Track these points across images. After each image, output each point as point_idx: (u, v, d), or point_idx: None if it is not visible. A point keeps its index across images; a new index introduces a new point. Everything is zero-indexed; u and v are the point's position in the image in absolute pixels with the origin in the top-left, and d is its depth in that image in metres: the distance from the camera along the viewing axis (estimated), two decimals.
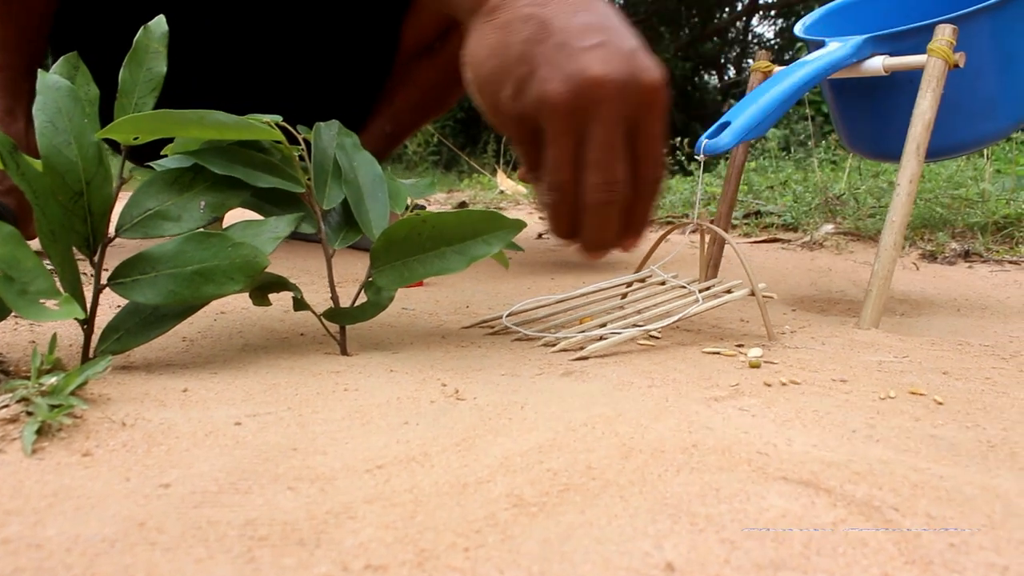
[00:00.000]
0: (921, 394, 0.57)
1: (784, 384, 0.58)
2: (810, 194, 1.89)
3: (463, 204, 2.64)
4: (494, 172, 3.62)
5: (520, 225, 0.61)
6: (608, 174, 0.56)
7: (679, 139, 2.66)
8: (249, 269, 0.56)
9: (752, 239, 1.63)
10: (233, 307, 0.81)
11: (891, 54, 0.82)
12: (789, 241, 1.57)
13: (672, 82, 8.60)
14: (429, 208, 2.46)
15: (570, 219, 0.60)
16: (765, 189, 2.14)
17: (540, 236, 1.68)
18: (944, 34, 0.78)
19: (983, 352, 0.71)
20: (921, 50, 0.79)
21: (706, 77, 10.10)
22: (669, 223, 1.87)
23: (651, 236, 1.18)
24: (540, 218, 2.12)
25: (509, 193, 2.94)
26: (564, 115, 0.55)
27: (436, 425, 0.47)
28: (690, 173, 3.06)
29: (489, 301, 0.90)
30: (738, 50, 10.10)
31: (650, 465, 0.42)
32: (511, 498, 0.37)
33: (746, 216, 1.79)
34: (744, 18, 10.46)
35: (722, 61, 10.21)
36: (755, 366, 0.63)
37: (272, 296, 0.67)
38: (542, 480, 0.39)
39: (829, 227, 1.58)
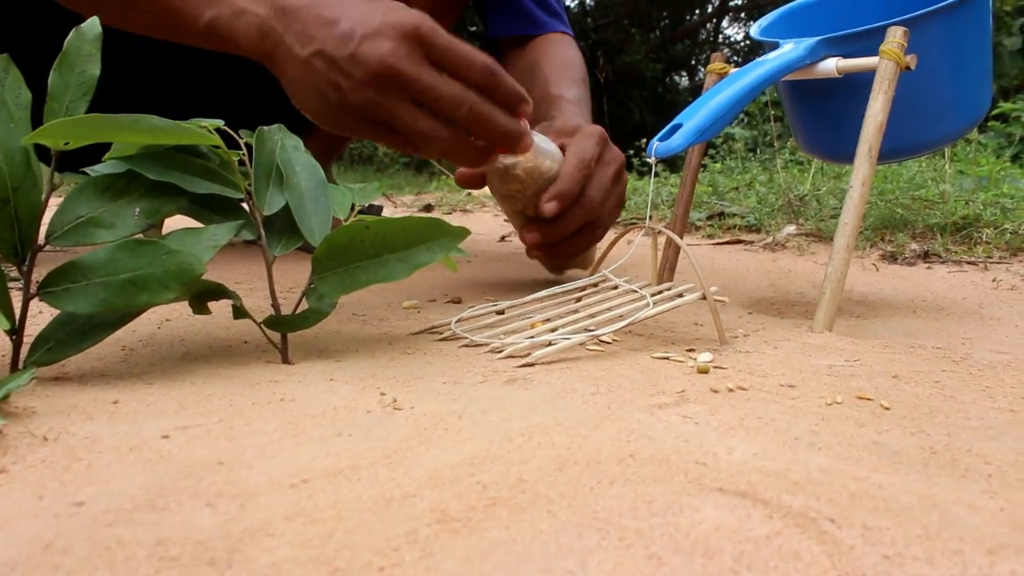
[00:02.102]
0: (868, 399, 0.56)
1: (731, 390, 0.57)
2: (774, 195, 1.90)
3: (429, 207, 2.62)
4: None
5: (464, 232, 0.60)
6: (448, 99, 0.69)
7: (646, 141, 2.65)
8: (184, 277, 0.55)
9: (715, 240, 1.63)
10: (179, 314, 0.79)
11: (845, 56, 0.82)
12: (752, 242, 1.57)
13: (643, 83, 8.63)
14: (395, 210, 2.45)
15: (460, 150, 0.73)
16: (730, 190, 2.14)
17: (502, 239, 1.67)
18: (895, 36, 0.78)
19: (935, 355, 0.71)
20: (874, 52, 0.79)
21: (677, 78, 10.14)
22: (633, 223, 1.86)
23: (606, 239, 1.17)
24: (505, 220, 2.12)
25: (476, 195, 2.93)
26: (386, 86, 0.68)
27: (369, 436, 0.46)
28: (659, 174, 3.06)
29: (442, 307, 0.89)
30: (708, 51, 10.14)
31: (584, 477, 0.41)
32: (435, 513, 0.36)
33: (710, 217, 1.79)
34: (714, 20, 10.52)
35: (693, 63, 10.25)
36: (703, 371, 0.62)
37: (218, 303, 0.65)
38: (470, 494, 0.38)
39: (791, 228, 1.59)
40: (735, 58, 9.12)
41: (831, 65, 0.82)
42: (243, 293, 0.92)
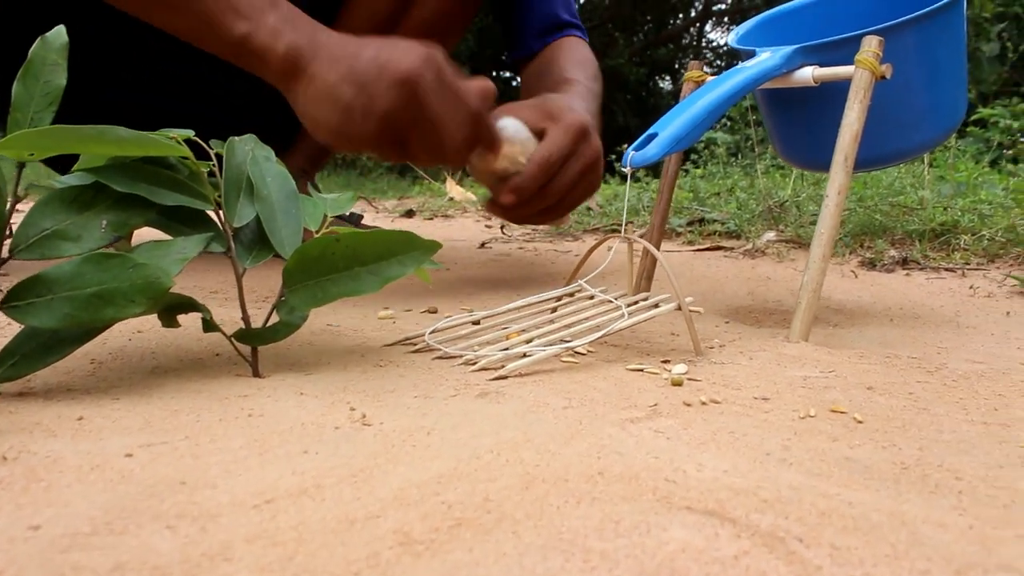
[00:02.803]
0: (842, 412, 0.56)
1: (704, 403, 0.57)
2: (754, 201, 1.90)
3: (411, 212, 2.62)
4: (445, 180, 3.59)
5: (435, 246, 0.60)
6: (462, 106, 0.77)
7: (626, 145, 2.65)
8: (151, 291, 0.54)
9: (695, 247, 1.62)
10: (151, 326, 0.78)
11: (821, 64, 0.82)
12: (732, 249, 1.57)
13: (627, 87, 8.63)
14: (377, 215, 2.44)
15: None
16: (711, 196, 2.14)
17: (483, 245, 1.66)
18: (870, 45, 0.78)
19: (910, 365, 0.71)
20: (850, 61, 0.79)
21: (660, 82, 10.16)
22: (614, 230, 1.86)
23: (583, 248, 1.15)
24: (486, 226, 2.11)
25: (458, 200, 2.92)
26: (407, 100, 0.74)
27: (336, 454, 0.46)
28: (640, 179, 3.06)
29: (417, 317, 0.88)
30: (692, 56, 10.16)
31: (551, 496, 0.40)
32: (398, 535, 0.36)
33: (690, 223, 1.79)
34: (698, 24, 10.54)
35: (676, 67, 10.27)
36: (677, 384, 0.61)
37: (191, 315, 0.64)
38: (435, 514, 0.38)
39: (771, 235, 1.59)
40: (718, 62, 9.15)
41: (807, 74, 0.82)
42: (218, 303, 0.91)
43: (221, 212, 0.62)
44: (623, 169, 0.75)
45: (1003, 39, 3.58)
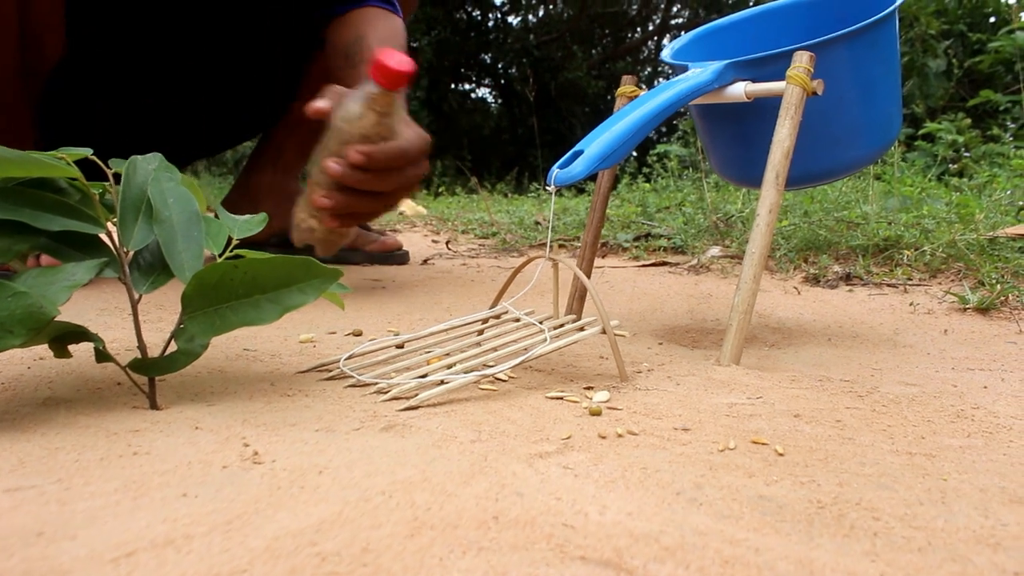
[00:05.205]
0: (764, 443, 0.54)
1: (620, 435, 0.54)
2: (702, 215, 1.88)
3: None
4: None
5: (336, 274, 0.57)
6: None
7: None
8: (32, 321, 0.51)
9: (640, 262, 1.61)
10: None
11: (754, 80, 0.80)
12: (676, 264, 1.55)
13: (585, 100, 8.64)
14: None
15: None
16: (660, 210, 2.12)
17: (425, 261, 1.63)
18: (801, 61, 0.76)
19: (841, 389, 0.69)
20: (783, 76, 0.77)
21: None
22: (561, 246, 1.84)
23: (508, 270, 1.11)
24: (433, 241, 2.08)
25: (408, 214, 2.89)
26: None
27: (216, 498, 0.42)
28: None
29: (340, 340, 0.85)
30: (650, 69, 10.21)
31: (436, 545, 0.37)
32: None
33: (637, 239, 1.77)
34: (655, 37, 10.60)
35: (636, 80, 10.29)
36: (596, 413, 0.59)
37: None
38: (304, 569, 0.35)
39: (716, 250, 1.57)
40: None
41: (739, 89, 0.80)
42: (129, 323, 0.87)
43: (116, 235, 0.59)
44: (547, 188, 0.72)
45: (949, 55, 3.62)
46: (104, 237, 0.59)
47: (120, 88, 1.37)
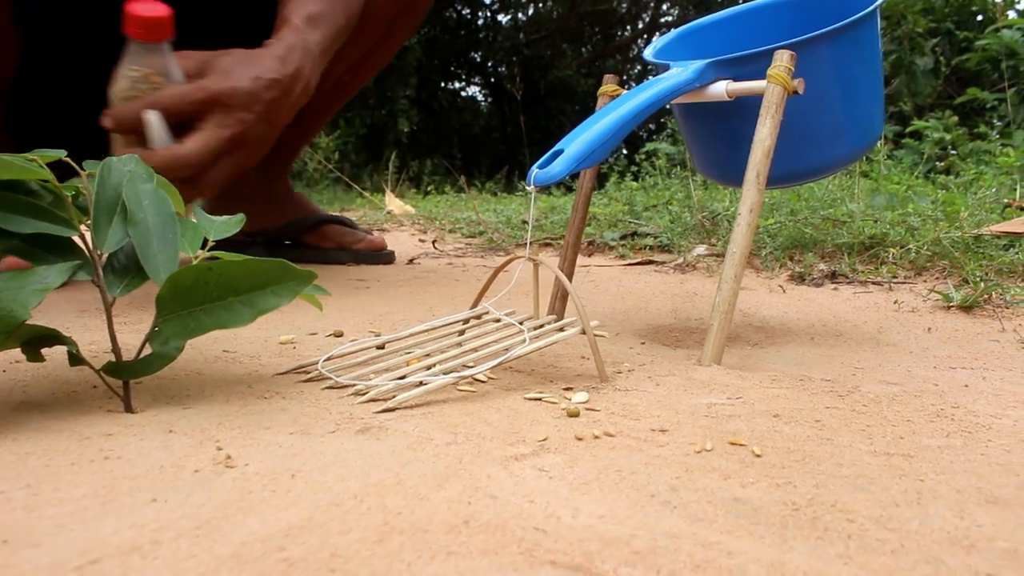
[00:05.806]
0: (741, 444, 0.53)
1: (597, 437, 0.54)
2: (688, 214, 1.88)
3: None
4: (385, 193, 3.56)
5: (310, 277, 0.57)
6: None
7: None
8: (1, 325, 0.50)
9: (626, 261, 1.60)
10: None
11: (735, 79, 0.80)
12: (663, 263, 1.55)
13: (575, 98, 8.64)
14: None
15: None
16: (647, 208, 2.12)
17: (411, 261, 1.63)
18: (782, 60, 0.76)
19: (822, 389, 0.68)
20: (764, 75, 0.77)
21: None
22: (548, 245, 1.84)
23: (487, 270, 1.10)
24: (420, 240, 2.08)
25: (396, 214, 2.88)
26: None
27: (186, 503, 0.42)
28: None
29: (320, 341, 0.85)
30: (640, 67, 10.21)
31: (405, 550, 0.37)
32: None
33: (623, 237, 1.77)
34: (645, 36, 10.60)
35: (624, 78, 10.32)
36: (574, 415, 0.59)
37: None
38: (271, 575, 0.34)
39: (702, 248, 1.57)
40: None
41: (721, 88, 0.80)
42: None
43: (88, 238, 0.58)
44: (527, 188, 0.72)
45: (936, 53, 3.63)
46: (77, 240, 0.59)
47: (89, 87, 1.35)
